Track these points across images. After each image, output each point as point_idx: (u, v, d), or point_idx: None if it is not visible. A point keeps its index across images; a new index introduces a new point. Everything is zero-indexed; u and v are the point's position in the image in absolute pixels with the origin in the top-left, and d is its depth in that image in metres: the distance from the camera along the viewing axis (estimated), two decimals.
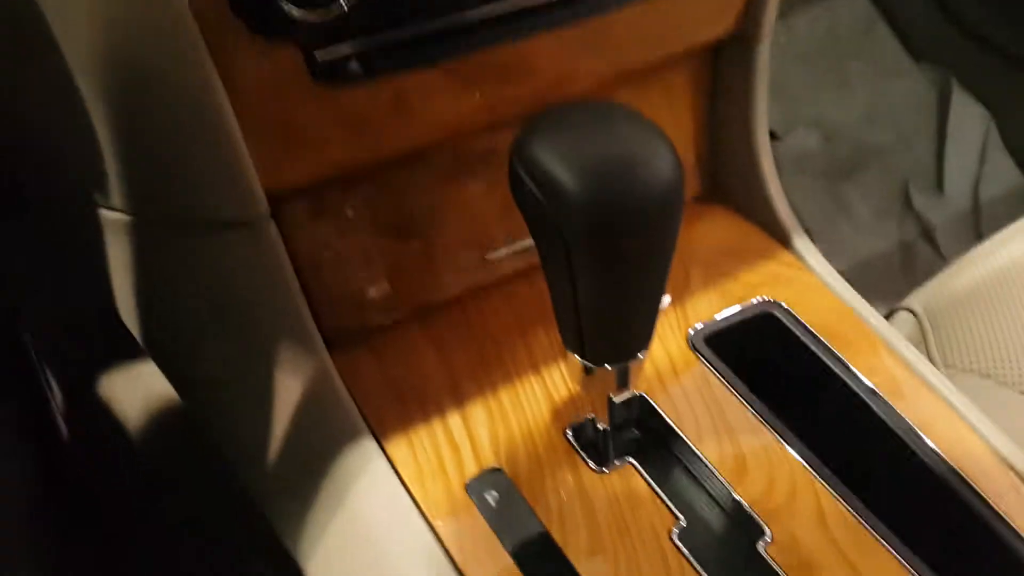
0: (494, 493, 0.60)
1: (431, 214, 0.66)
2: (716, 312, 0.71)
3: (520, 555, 0.57)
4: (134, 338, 0.71)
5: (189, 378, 0.69)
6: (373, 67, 0.55)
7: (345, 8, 0.50)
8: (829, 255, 0.77)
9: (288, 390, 0.61)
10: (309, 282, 0.62)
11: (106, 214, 0.60)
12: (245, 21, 0.49)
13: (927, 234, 1.59)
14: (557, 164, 0.45)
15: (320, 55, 0.53)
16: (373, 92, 0.56)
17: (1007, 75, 1.72)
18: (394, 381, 0.65)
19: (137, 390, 0.92)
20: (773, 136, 1.66)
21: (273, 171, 0.56)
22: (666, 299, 0.72)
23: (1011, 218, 0.97)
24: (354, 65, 0.54)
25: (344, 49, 0.53)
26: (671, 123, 0.75)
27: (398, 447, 0.62)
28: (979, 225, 1.61)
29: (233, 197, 0.54)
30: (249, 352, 0.61)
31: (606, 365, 0.55)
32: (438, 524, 0.58)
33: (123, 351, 0.92)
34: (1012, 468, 0.63)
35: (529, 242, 0.52)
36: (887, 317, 0.81)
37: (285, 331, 0.60)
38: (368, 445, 0.61)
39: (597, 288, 0.49)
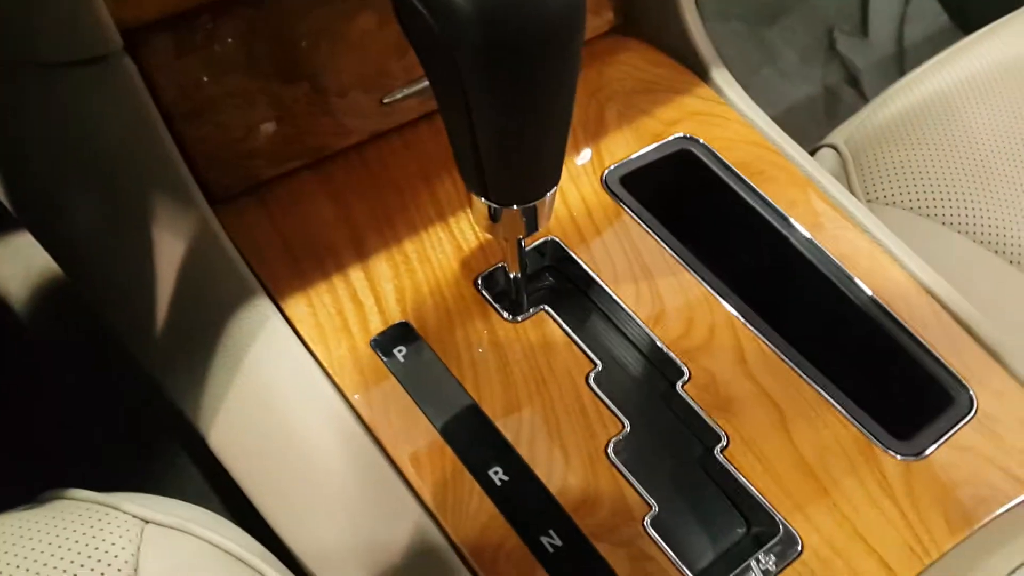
0: (402, 349, 0.57)
1: (318, 51, 0.60)
2: (632, 151, 0.67)
3: (433, 410, 0.55)
4: (4, 206, 0.65)
5: (64, 244, 0.63)
6: None
7: None
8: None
9: (169, 250, 0.56)
10: (182, 128, 0.56)
11: None
12: None
13: (852, 78, 1.57)
14: None
15: None
16: None
17: None
18: (288, 236, 0.60)
19: (17, 264, 0.86)
20: None
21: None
22: (586, 152, 0.67)
23: None
24: None
25: None
26: None
27: (296, 306, 0.57)
28: (904, 67, 1.60)
29: (78, 29, 0.47)
30: (122, 210, 0.55)
31: (513, 206, 0.51)
32: (343, 383, 0.55)
33: None
34: (935, 298, 0.62)
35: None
36: (810, 154, 0.78)
37: (157, 184, 0.54)
38: (262, 305, 0.57)
39: (495, 118, 0.45)
